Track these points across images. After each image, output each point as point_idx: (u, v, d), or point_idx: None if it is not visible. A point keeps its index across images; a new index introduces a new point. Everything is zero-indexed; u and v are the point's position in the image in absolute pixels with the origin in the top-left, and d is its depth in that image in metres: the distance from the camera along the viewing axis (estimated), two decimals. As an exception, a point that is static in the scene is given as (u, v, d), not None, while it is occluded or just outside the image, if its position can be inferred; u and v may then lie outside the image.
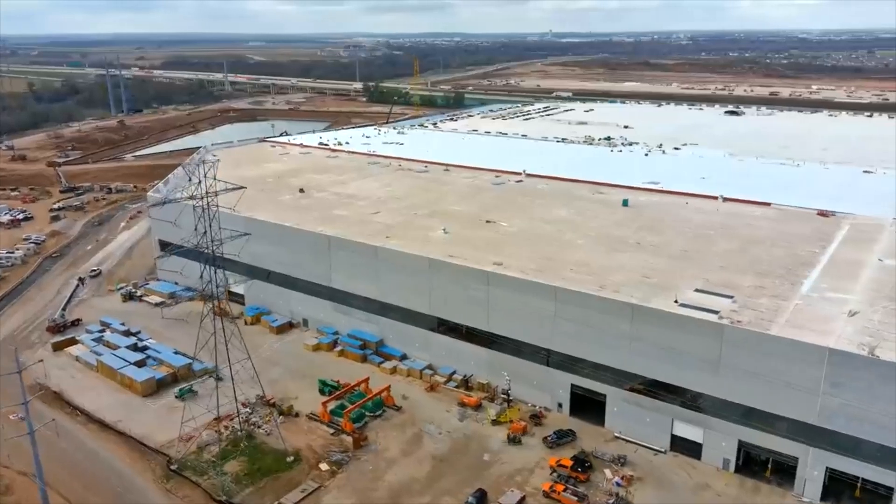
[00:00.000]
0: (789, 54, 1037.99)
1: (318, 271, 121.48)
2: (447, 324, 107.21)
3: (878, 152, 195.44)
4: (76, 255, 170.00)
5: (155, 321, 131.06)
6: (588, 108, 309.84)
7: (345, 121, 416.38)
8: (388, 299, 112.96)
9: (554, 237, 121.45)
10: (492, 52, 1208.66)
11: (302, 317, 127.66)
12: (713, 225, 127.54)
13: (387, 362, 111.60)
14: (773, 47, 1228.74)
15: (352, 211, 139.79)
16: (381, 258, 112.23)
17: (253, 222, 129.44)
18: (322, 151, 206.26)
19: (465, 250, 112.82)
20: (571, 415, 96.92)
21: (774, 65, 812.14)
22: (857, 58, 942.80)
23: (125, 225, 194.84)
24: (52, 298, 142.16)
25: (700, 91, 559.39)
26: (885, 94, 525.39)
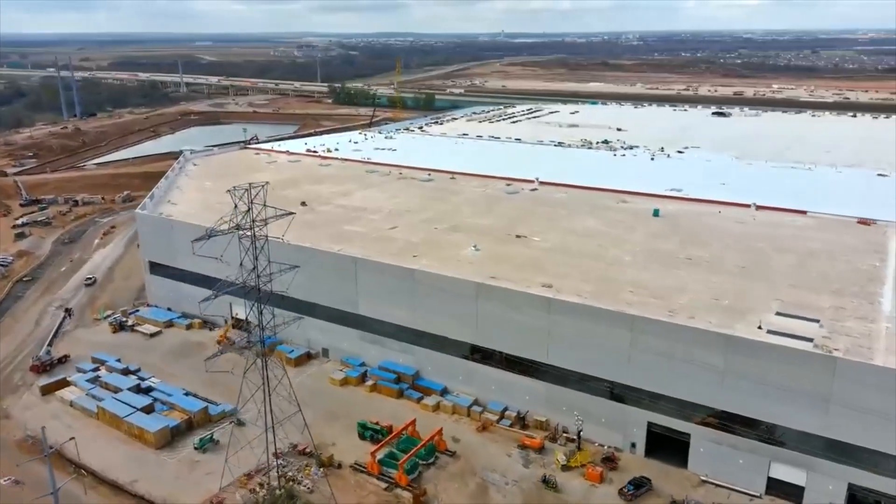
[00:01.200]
0: (739, 54, 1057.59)
1: (343, 296, 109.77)
2: (496, 354, 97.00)
3: (882, 154, 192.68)
4: (50, 278, 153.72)
5: (152, 355, 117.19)
6: (573, 109, 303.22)
7: (313, 124, 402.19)
8: (426, 327, 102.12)
9: (596, 253, 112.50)
10: (447, 53, 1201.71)
11: (321, 346, 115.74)
12: (757, 236, 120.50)
13: (427, 398, 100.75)
14: (721, 47, 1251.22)
15: (365, 226, 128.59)
16: (418, 282, 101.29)
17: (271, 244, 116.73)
18: (312, 159, 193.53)
19: (504, 270, 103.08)
20: (647, 455, 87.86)
21: (729, 64, 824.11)
22: (804, 57, 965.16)
23: (100, 242, 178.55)
24: (30, 331, 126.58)
25: (665, 91, 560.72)
26: (843, 93, 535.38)
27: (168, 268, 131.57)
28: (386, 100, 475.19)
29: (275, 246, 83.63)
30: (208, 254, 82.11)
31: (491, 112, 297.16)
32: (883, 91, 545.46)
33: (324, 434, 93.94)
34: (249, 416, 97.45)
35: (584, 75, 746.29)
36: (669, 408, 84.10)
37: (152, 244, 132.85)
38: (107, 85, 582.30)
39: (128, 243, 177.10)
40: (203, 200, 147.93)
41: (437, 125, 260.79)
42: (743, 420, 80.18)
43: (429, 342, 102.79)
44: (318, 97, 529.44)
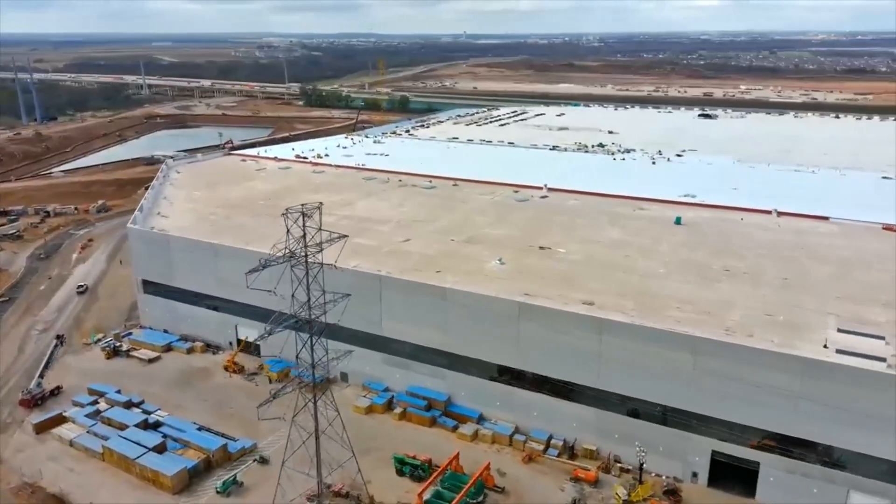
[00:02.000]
0: (700, 55, 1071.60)
1: (365, 317, 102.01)
2: (539, 378, 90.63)
3: (879, 156, 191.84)
4: (29, 298, 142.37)
5: (153, 383, 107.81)
6: (559, 112, 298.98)
7: (287, 127, 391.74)
8: (459, 350, 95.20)
9: (628, 265, 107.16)
10: (412, 54, 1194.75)
11: (340, 371, 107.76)
12: (787, 245, 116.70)
13: (463, 426, 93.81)
14: (681, 48, 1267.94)
15: (375, 239, 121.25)
16: (451, 302, 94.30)
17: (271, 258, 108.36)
18: (302, 165, 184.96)
19: (536, 286, 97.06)
20: (710, 485, 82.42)
21: (692, 65, 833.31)
22: (764, 58, 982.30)
23: (79, 256, 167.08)
24: (13, 359, 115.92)
25: (635, 93, 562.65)
26: (810, 93, 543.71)
27: (164, 287, 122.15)
28: (360, 102, 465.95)
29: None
30: (251, 282, 72.92)
31: (476, 115, 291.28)
32: (847, 91, 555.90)
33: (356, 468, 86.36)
34: (273, 451, 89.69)
35: (552, 76, 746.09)
36: (736, 435, 78.78)
37: (146, 261, 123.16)
38: (65, 87, 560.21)
39: (109, 258, 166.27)
40: (195, 212, 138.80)
41: (424, 128, 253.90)
42: (811, 446, 75.34)
43: (462, 365, 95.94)
44: (287, 99, 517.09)
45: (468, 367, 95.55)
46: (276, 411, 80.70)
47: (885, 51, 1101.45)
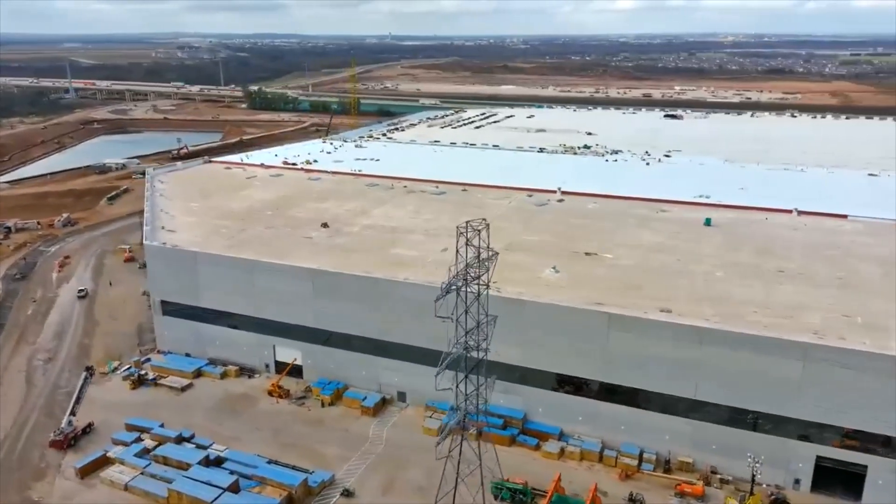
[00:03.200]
0: (624, 57, 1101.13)
1: (429, 333, 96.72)
2: (624, 391, 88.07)
3: (854, 153, 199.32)
4: (18, 324, 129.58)
5: (194, 414, 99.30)
6: (528, 114, 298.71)
7: (237, 131, 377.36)
8: (537, 364, 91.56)
9: (683, 269, 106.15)
10: (340, 55, 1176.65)
11: (396, 390, 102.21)
12: (822, 244, 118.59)
13: (547, 444, 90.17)
14: (604, 50, 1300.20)
15: (412, 248, 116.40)
16: (528, 314, 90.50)
17: (323, 275, 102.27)
18: (295, 173, 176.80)
19: (600, 294, 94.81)
20: (813, 491, 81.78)
21: (623, 67, 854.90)
22: (685, 59, 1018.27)
23: (59, 276, 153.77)
24: (25, 393, 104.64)
25: (577, 94, 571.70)
26: (742, 93, 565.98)
27: (187, 307, 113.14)
28: (308, 104, 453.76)
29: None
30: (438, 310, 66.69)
31: (446, 117, 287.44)
32: (776, 91, 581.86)
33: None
34: (354, 483, 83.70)
35: (491, 78, 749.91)
36: (843, 439, 78.37)
37: (166, 281, 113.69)
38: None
39: (94, 275, 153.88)
40: (202, 225, 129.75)
41: (400, 132, 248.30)
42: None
43: (540, 380, 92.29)
44: (229, 102, 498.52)
45: (546, 381, 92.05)
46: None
47: (792, 52, 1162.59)
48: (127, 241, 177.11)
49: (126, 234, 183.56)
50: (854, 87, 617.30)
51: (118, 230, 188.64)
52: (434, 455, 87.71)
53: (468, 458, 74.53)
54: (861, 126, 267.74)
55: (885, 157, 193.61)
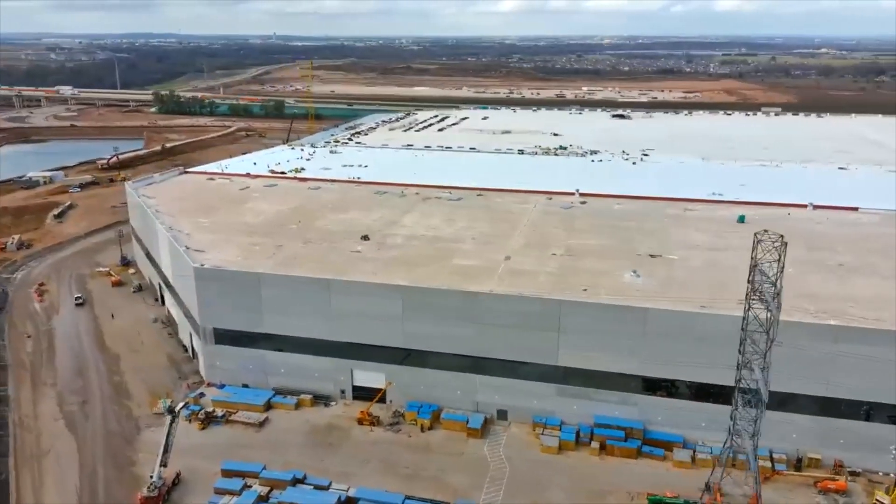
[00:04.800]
0: (519, 58, 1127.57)
1: (537, 347, 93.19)
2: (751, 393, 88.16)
3: (810, 148, 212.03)
4: (23, 363, 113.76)
5: (288, 451, 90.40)
6: (483, 115, 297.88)
7: (158, 138, 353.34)
8: (660, 373, 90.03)
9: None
10: (229, 56, 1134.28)
11: (496, 408, 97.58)
12: (854, 237, 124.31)
13: (676, 453, 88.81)
14: (496, 52, 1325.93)
15: (472, 258, 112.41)
16: (649, 322, 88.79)
17: (415, 291, 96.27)
18: (291, 182, 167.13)
19: (696, 296, 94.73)
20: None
21: (524, 69, 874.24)
22: (576, 60, 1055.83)
23: (43, 306, 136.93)
24: (75, 445, 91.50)
25: (492, 95, 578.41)
26: (647, 93, 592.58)
27: (245, 334, 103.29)
28: (227, 108, 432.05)
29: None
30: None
31: (400, 120, 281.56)
32: (676, 90, 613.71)
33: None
34: (506, 513, 78.95)
35: (399, 79, 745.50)
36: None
37: (220, 307, 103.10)
38: None
39: (88, 305, 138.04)
40: (228, 242, 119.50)
41: (364, 135, 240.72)
42: None
43: (658, 389, 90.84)
44: (135, 106, 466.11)
45: (663, 389, 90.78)
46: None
47: (669, 53, 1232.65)
48: (102, 262, 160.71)
49: (97, 255, 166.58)
50: (742, 86, 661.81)
51: (84, 251, 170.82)
52: (568, 475, 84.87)
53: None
54: (796, 123, 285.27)
55: (840, 151, 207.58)
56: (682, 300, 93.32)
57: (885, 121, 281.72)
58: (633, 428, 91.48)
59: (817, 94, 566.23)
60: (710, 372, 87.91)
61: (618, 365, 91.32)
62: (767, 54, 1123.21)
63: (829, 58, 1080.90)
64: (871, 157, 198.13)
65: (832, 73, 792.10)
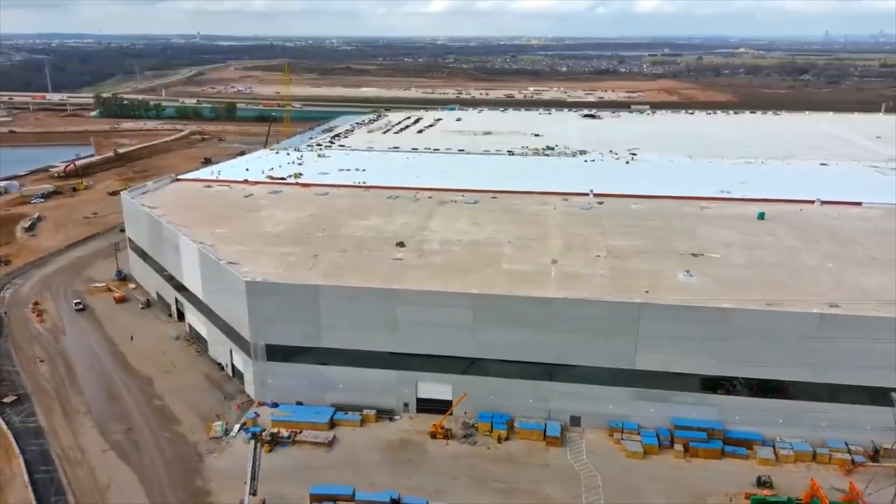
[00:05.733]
0: (455, 59, 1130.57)
1: (614, 351, 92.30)
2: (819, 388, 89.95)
3: (785, 145, 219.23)
4: (44, 390, 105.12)
5: (371, 472, 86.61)
6: (456, 117, 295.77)
7: (108, 143, 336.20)
8: (741, 372, 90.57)
9: (793, 263, 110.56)
10: (154, 57, 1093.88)
11: (570, 415, 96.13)
12: (875, 230, 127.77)
13: (759, 451, 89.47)
14: (429, 52, 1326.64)
15: (518, 263, 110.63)
16: (730, 322, 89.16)
17: (487, 299, 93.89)
18: (295, 188, 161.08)
19: (754, 294, 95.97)
20: None
21: (465, 70, 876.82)
22: (512, 61, 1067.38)
23: (44, 325, 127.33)
24: (136, 477, 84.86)
25: (440, 95, 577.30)
26: (592, 92, 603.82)
27: (301, 350, 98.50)
28: (174, 111, 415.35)
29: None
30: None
31: (374, 122, 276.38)
32: (619, 90, 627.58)
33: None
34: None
35: (340, 80, 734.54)
36: None
37: (275, 321, 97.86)
38: None
39: (89, 320, 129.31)
40: (261, 253, 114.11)
41: (344, 138, 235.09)
42: None
43: (738, 388, 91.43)
44: (73, 110, 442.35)
45: (743, 388, 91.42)
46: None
47: (598, 54, 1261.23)
48: (95, 278, 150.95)
49: (86, 270, 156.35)
50: (679, 85, 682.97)
51: (70, 266, 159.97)
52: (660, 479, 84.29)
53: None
54: (758, 121, 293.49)
55: (813, 148, 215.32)
56: (746, 300, 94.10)
57: (838, 117, 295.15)
58: (714, 428, 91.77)
59: (752, 93, 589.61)
60: (790, 370, 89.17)
61: (696, 366, 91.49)
62: (690, 54, 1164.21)
63: (749, 57, 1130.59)
64: (844, 152, 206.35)
65: (759, 71, 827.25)
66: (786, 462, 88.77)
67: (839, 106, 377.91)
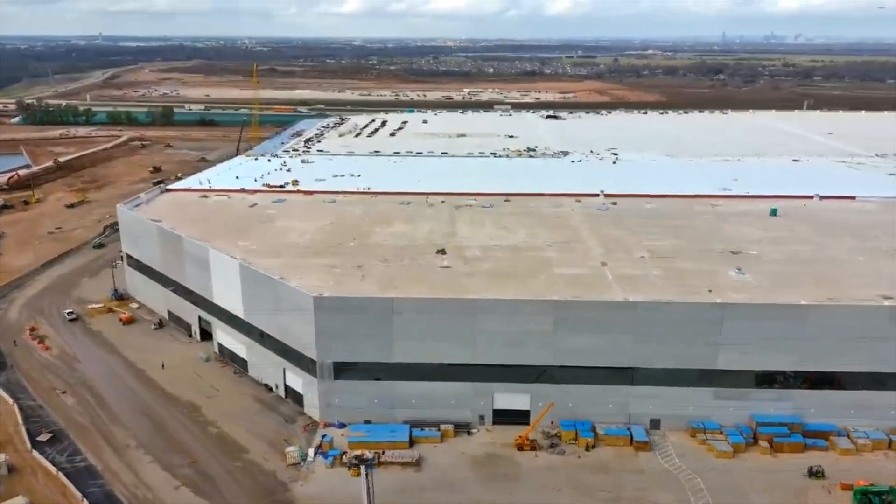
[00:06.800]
0: (379, 60, 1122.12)
1: (695, 352, 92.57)
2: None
3: (751, 143, 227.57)
4: (79, 424, 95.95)
5: (463, 490, 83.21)
6: (422, 119, 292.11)
7: (40, 152, 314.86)
8: (819, 366, 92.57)
9: (828, 256, 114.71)
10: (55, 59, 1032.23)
11: (649, 418, 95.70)
12: (877, 223, 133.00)
13: (839, 441, 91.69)
14: (349, 53, 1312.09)
15: (569, 267, 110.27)
16: (809, 319, 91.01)
17: (568, 305, 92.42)
18: (297, 196, 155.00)
19: (809, 291, 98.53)
20: None
21: (395, 71, 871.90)
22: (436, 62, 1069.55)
23: (51, 353, 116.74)
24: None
25: (378, 97, 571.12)
26: (527, 93, 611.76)
27: (372, 366, 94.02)
28: (105, 116, 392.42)
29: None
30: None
31: (341, 125, 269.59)
32: (552, 91, 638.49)
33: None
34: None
35: (270, 82, 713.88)
36: None
37: (345, 338, 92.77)
38: None
39: (99, 344, 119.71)
40: (298, 266, 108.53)
41: (318, 143, 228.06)
42: None
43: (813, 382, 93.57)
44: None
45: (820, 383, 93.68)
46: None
47: (517, 55, 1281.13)
48: (87, 298, 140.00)
49: (74, 290, 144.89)
50: (607, 86, 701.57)
51: (54, 286, 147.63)
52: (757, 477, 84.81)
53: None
54: (709, 119, 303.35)
55: (777, 144, 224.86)
56: (807, 295, 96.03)
57: (782, 115, 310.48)
58: (794, 423, 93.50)
59: (677, 93, 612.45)
60: (866, 362, 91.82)
61: (776, 363, 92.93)
62: (603, 56, 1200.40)
63: (660, 58, 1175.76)
64: (808, 149, 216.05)
65: (676, 72, 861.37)
66: (863, 451, 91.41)
67: (764, 104, 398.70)
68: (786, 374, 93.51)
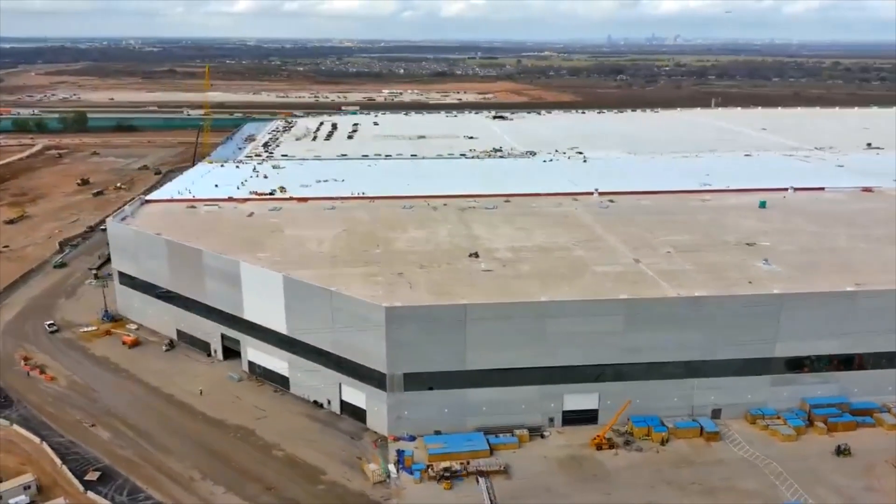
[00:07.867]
0: (282, 61, 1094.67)
1: (755, 342, 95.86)
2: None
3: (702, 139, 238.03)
4: (125, 460, 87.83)
5: (558, 496, 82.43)
6: (373, 121, 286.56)
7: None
8: (865, 348, 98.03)
9: (834, 246, 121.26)
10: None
11: (711, 408, 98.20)
12: (854, 212, 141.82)
13: (887, 418, 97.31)
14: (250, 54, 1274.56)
15: (607, 265, 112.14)
16: (859, 304, 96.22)
17: (639, 304, 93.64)
18: (292, 204, 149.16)
19: (831, 278, 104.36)
20: None
21: (306, 72, 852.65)
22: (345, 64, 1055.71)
23: (59, 385, 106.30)
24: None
25: (297, 99, 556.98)
26: (448, 94, 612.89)
27: (444, 375, 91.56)
28: (10, 124, 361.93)
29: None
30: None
31: (290, 129, 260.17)
32: (471, 91, 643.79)
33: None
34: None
35: (173, 84, 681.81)
36: None
37: (414, 349, 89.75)
38: None
39: (110, 370, 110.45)
40: (336, 276, 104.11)
41: (277, 148, 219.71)
42: None
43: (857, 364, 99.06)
44: None
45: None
46: None
47: (419, 56, 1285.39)
48: (74, 321, 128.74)
49: (52, 313, 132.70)
50: (520, 86, 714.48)
51: (28, 310, 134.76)
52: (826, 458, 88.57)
53: None
54: (646, 117, 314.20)
55: (722, 140, 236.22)
56: (833, 283, 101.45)
57: (707, 112, 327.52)
58: (842, 403, 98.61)
59: (589, 93, 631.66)
60: None
61: (829, 347, 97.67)
62: (503, 57, 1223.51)
63: (556, 59, 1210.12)
64: (751, 143, 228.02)
65: (580, 73, 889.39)
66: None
67: (673, 102, 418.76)
68: (836, 357, 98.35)
